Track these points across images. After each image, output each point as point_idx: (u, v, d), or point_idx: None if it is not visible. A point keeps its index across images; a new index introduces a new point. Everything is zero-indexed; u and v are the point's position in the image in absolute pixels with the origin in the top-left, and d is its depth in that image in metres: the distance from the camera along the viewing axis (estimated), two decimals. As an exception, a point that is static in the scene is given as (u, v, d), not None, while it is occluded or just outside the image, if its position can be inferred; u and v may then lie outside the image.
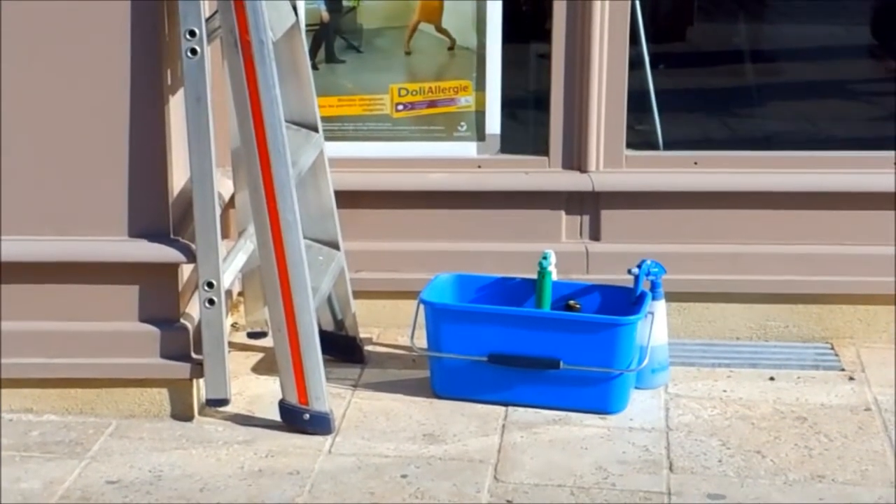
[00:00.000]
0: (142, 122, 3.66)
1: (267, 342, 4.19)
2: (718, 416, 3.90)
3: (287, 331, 3.69)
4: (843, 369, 4.21)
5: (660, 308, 4.05)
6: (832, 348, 4.36)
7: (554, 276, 4.06)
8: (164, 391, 3.85)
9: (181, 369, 3.81)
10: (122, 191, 3.72)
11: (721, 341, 4.41)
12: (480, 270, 4.23)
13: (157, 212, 3.74)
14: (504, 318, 3.91)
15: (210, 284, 3.65)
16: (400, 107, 4.45)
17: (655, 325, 3.98)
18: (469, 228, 4.39)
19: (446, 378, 3.98)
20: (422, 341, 4.02)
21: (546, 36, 4.31)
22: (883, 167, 4.33)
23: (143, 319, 3.81)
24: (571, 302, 4.09)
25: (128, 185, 3.71)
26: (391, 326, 4.42)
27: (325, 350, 3.79)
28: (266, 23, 3.55)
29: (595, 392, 3.88)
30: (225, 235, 4.07)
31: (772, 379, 4.14)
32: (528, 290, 4.10)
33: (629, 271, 4.01)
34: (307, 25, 4.33)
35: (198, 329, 3.76)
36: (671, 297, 4.16)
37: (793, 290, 4.36)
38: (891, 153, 4.35)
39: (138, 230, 3.75)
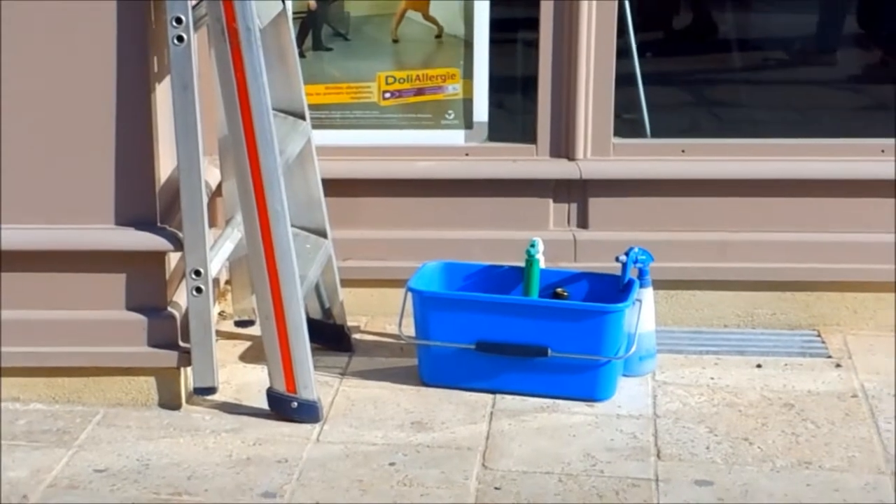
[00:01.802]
0: (128, 110, 3.65)
1: (254, 331, 4.18)
2: (706, 403, 3.90)
3: (275, 319, 3.69)
4: (829, 356, 4.22)
5: (647, 295, 4.05)
6: (819, 335, 4.36)
7: (542, 264, 4.06)
8: (152, 380, 3.85)
9: (168, 358, 3.80)
10: (109, 179, 3.71)
11: (708, 329, 4.42)
12: (468, 258, 4.23)
13: (145, 200, 3.73)
14: (492, 306, 3.91)
15: (197, 273, 3.64)
16: (387, 95, 4.44)
17: (643, 313, 3.98)
18: (457, 216, 4.39)
19: (434, 366, 3.98)
20: (410, 329, 4.02)
21: (534, 24, 4.30)
22: (870, 154, 4.33)
23: (130, 308, 3.80)
24: (559, 290, 4.09)
25: (115, 174, 3.70)
26: (379, 315, 4.42)
27: (312, 338, 3.78)
28: (253, 10, 3.54)
29: (583, 379, 3.88)
30: (212, 224, 4.06)
31: (759, 366, 4.15)
32: (515, 277, 4.10)
33: (617, 259, 4.02)
34: (294, 13, 4.31)
35: (185, 317, 3.75)
36: (659, 284, 4.16)
37: (780, 277, 4.37)
38: (878, 140, 4.35)
39: (125, 218, 3.74)
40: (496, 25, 4.38)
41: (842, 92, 5.29)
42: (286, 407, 3.76)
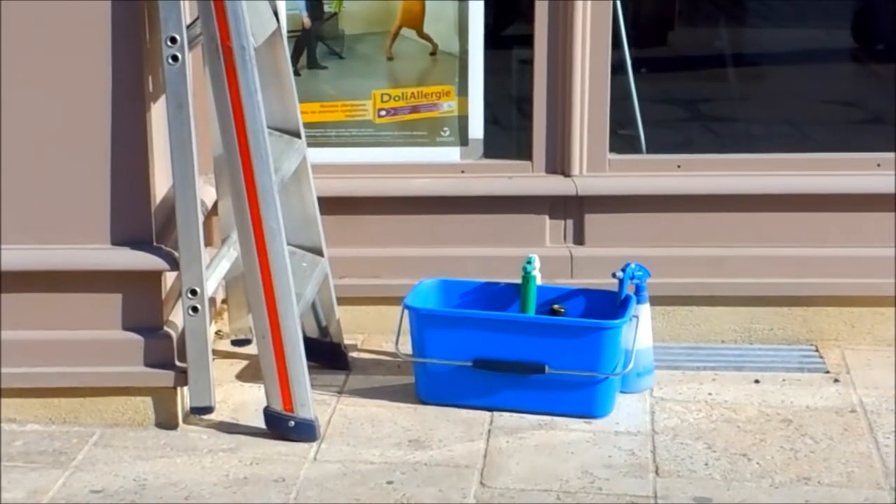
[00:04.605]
0: (123, 129, 3.65)
1: (251, 349, 4.17)
2: (704, 419, 3.90)
3: (271, 338, 3.68)
4: (827, 371, 4.22)
5: (644, 312, 4.04)
6: (817, 350, 4.36)
7: (538, 281, 4.06)
8: (148, 399, 3.84)
9: (165, 377, 3.79)
10: (105, 199, 3.70)
11: (706, 344, 4.41)
12: (464, 275, 4.23)
13: (140, 220, 3.72)
14: (489, 323, 3.91)
15: (193, 292, 3.64)
16: (382, 112, 4.44)
17: (640, 329, 3.97)
18: (453, 234, 4.39)
19: (431, 384, 3.97)
20: (406, 347, 4.01)
21: (528, 40, 4.31)
22: (867, 168, 4.33)
23: (126, 328, 3.80)
24: (556, 306, 4.08)
25: (110, 193, 3.70)
26: (376, 332, 4.41)
27: (309, 357, 3.78)
28: (247, 29, 3.54)
29: (580, 396, 3.87)
30: (208, 243, 4.05)
31: (757, 382, 4.14)
32: (512, 294, 4.09)
33: (613, 275, 4.01)
34: (289, 31, 4.32)
35: (182, 337, 3.74)
36: (656, 300, 4.16)
37: (777, 292, 4.36)
38: (875, 154, 4.35)
39: (121, 238, 3.73)
40: (490, 42, 4.38)
41: (838, 106, 5.30)
42: (283, 426, 3.75)
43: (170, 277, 3.83)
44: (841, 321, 4.39)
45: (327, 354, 4.22)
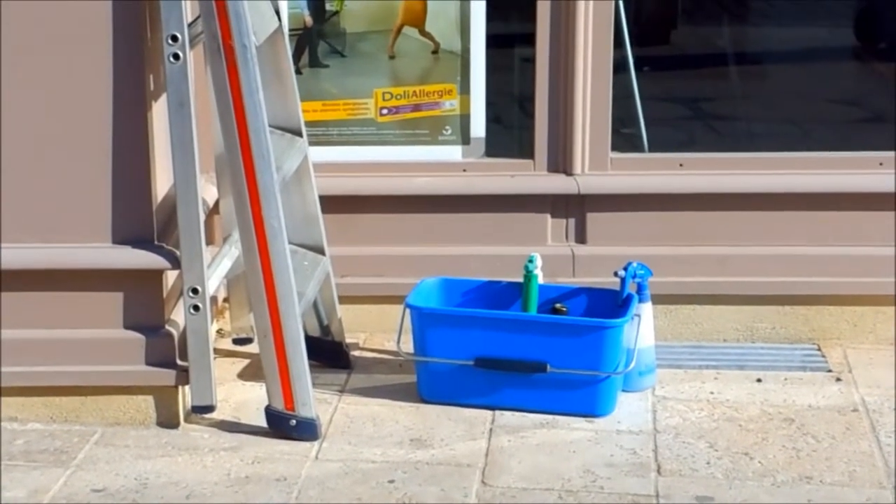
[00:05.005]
0: (125, 128, 3.65)
1: (252, 348, 4.17)
2: (706, 418, 3.89)
3: (273, 336, 3.68)
4: (830, 370, 4.21)
5: (646, 310, 4.04)
6: (819, 349, 4.36)
7: (540, 280, 4.06)
8: (150, 398, 3.84)
9: (166, 376, 3.79)
10: (106, 197, 3.70)
11: (708, 343, 4.41)
12: (466, 274, 4.22)
13: (141, 218, 3.72)
14: (490, 322, 3.90)
15: (195, 291, 3.64)
16: (384, 111, 4.44)
17: (642, 328, 3.97)
18: (454, 232, 4.38)
19: (433, 382, 3.97)
20: (408, 346, 4.01)
21: (530, 39, 4.30)
22: (869, 167, 4.33)
23: (127, 326, 3.79)
24: (558, 305, 4.08)
25: (111, 192, 3.70)
26: (377, 331, 4.41)
27: (311, 356, 3.77)
28: (249, 27, 3.53)
29: (582, 395, 3.87)
30: (209, 241, 4.06)
31: (759, 380, 4.14)
32: (514, 293, 4.09)
33: (615, 274, 4.01)
34: (290, 30, 4.31)
35: (183, 336, 3.74)
36: (658, 299, 4.15)
37: (779, 291, 4.36)
38: (876, 153, 4.34)
39: (122, 237, 3.73)
40: (492, 41, 4.38)
41: (839, 105, 5.29)
42: (285, 425, 3.74)
43: (171, 276, 3.82)
44: (843, 320, 4.39)
45: (329, 353, 4.22)
